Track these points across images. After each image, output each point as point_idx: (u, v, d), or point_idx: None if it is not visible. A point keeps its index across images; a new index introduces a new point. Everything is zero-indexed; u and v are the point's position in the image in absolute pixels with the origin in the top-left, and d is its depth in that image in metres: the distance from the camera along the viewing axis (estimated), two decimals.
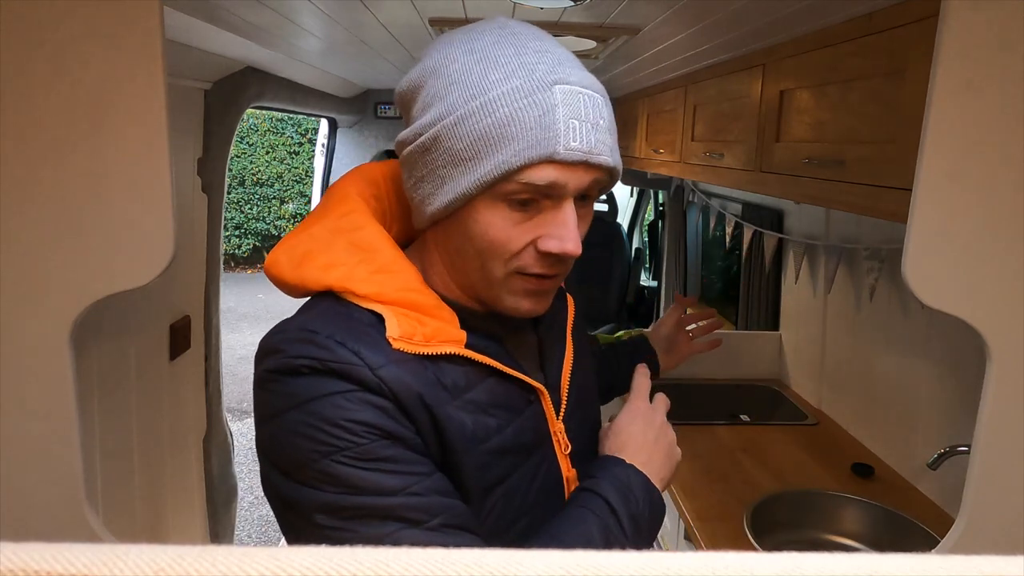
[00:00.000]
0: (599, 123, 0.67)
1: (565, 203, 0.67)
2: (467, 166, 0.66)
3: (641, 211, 4.75)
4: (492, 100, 0.65)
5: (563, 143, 0.64)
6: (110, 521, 1.38)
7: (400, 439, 0.64)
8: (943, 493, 1.59)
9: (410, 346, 0.67)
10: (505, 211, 0.67)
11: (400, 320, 0.67)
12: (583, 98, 0.66)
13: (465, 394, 0.70)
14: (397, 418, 0.64)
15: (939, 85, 0.66)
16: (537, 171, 0.64)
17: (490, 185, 0.65)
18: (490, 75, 0.66)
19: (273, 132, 8.92)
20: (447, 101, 0.67)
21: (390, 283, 0.69)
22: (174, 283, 1.68)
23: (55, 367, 0.65)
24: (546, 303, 0.74)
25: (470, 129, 0.65)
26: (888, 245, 1.77)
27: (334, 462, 0.61)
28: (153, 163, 0.64)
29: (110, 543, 0.32)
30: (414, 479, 0.63)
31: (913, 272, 0.70)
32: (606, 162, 0.67)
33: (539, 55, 0.68)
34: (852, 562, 0.23)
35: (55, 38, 0.61)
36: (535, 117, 0.64)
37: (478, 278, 0.71)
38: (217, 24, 1.28)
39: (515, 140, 0.64)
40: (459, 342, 0.70)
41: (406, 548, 0.23)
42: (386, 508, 0.62)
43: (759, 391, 2.35)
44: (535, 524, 0.74)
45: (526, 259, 0.69)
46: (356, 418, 0.62)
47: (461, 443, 0.67)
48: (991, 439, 0.72)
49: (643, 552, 0.23)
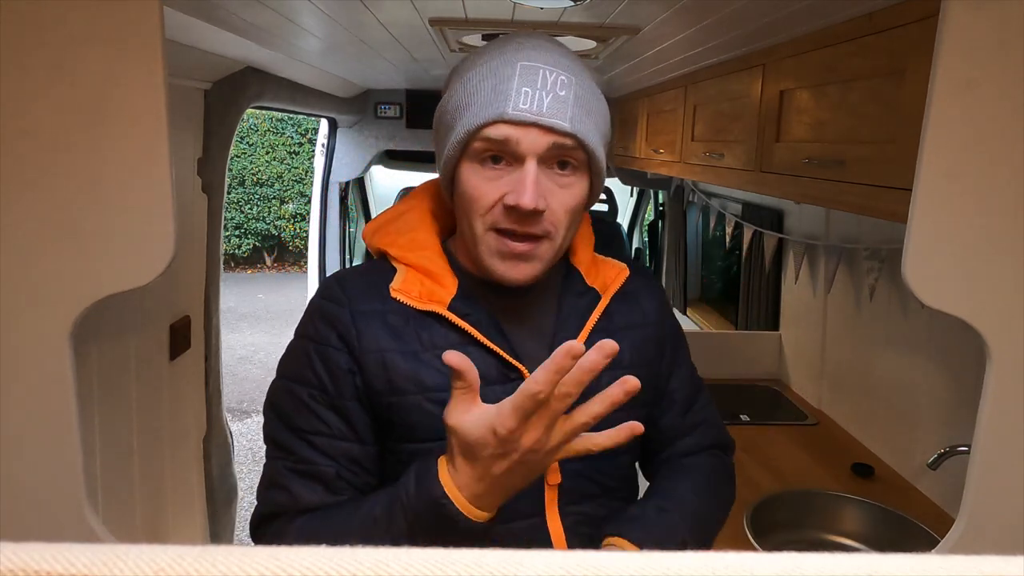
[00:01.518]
0: (559, 94, 0.77)
1: (527, 162, 0.77)
2: (449, 133, 0.81)
3: (641, 211, 4.75)
4: (468, 78, 0.80)
5: (512, 104, 0.76)
6: (110, 521, 1.38)
7: (333, 394, 0.81)
8: (943, 493, 1.59)
9: (405, 297, 0.82)
10: (480, 170, 0.79)
11: (408, 277, 0.84)
12: (544, 71, 0.77)
13: (436, 350, 0.80)
14: (341, 363, 0.81)
15: (939, 85, 0.66)
16: (492, 128, 0.76)
17: (462, 144, 0.78)
18: (477, 60, 0.81)
19: (273, 132, 8.92)
20: (448, 90, 0.83)
21: (414, 251, 0.86)
22: (174, 283, 1.68)
23: (55, 367, 0.65)
24: (524, 271, 0.81)
25: (452, 104, 0.81)
26: (888, 245, 1.77)
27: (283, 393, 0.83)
28: (153, 163, 0.64)
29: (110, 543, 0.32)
30: (324, 428, 0.81)
31: (913, 272, 0.70)
32: (558, 125, 0.76)
33: (519, 45, 0.80)
34: (852, 562, 0.23)
35: (55, 38, 0.61)
36: (492, 84, 0.77)
37: (469, 236, 0.82)
38: (217, 24, 1.28)
39: (475, 104, 0.77)
40: (442, 304, 0.82)
41: (406, 548, 0.23)
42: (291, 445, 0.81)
43: (759, 391, 2.35)
44: None
45: (496, 214, 0.79)
46: (310, 371, 0.81)
47: (408, 385, 0.80)
48: (991, 439, 0.72)
49: (643, 552, 0.23)
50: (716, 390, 2.29)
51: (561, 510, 0.84)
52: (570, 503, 0.85)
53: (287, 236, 9.12)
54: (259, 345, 6.18)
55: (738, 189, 1.87)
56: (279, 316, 6.99)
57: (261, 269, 9.25)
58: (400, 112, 3.31)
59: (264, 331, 6.59)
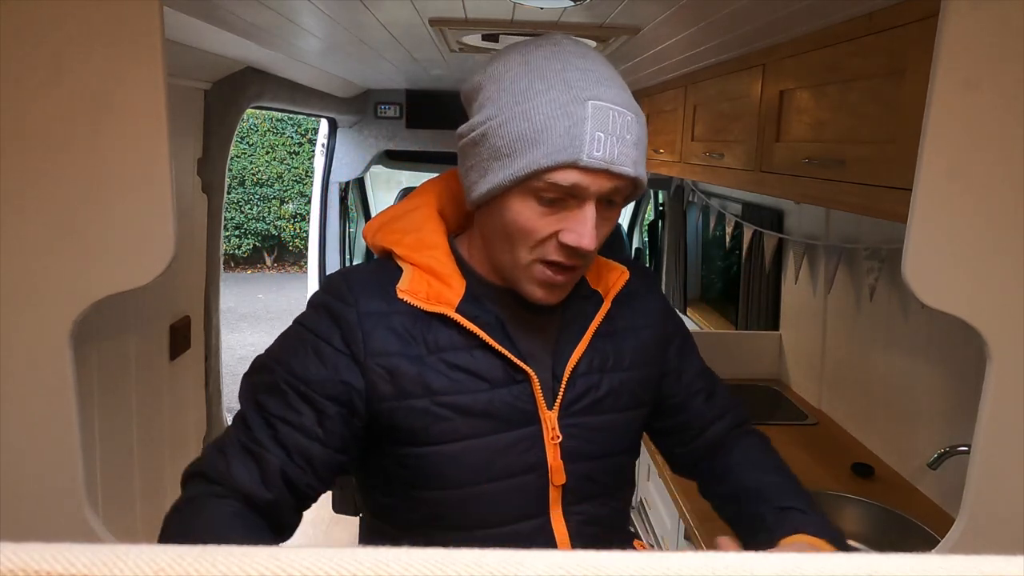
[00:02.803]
0: (625, 137, 0.76)
1: (587, 204, 0.77)
2: (504, 162, 0.77)
3: (641, 211, 4.75)
4: (532, 108, 0.75)
5: (587, 151, 0.74)
6: (110, 521, 1.38)
7: (322, 395, 0.79)
8: (943, 493, 1.59)
9: (412, 299, 0.81)
10: (534, 204, 0.77)
11: (415, 277, 0.83)
12: (613, 114, 0.75)
13: (442, 353, 0.81)
14: (341, 369, 0.79)
15: (939, 85, 0.66)
16: (562, 174, 0.74)
17: (521, 180, 0.76)
18: (535, 85, 0.77)
19: (273, 132, 8.92)
20: (497, 104, 0.78)
21: (421, 251, 0.85)
22: (174, 283, 1.68)
23: (55, 367, 0.65)
24: (558, 295, 0.83)
25: (510, 130, 0.76)
26: (888, 245, 1.76)
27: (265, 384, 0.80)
28: (153, 163, 0.64)
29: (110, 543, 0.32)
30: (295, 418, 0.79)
31: (913, 272, 0.70)
32: (626, 172, 0.76)
33: (582, 72, 0.77)
34: (852, 562, 0.23)
35: (55, 38, 0.61)
36: (565, 127, 0.74)
37: (506, 259, 0.82)
38: (217, 24, 1.28)
39: (546, 144, 0.74)
40: (450, 305, 0.82)
41: (405, 548, 0.23)
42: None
43: (759, 391, 2.35)
44: (512, 495, 0.83)
45: (548, 248, 0.79)
46: (308, 373, 0.79)
47: (413, 389, 0.80)
48: (991, 439, 0.72)
49: (643, 552, 0.23)
50: None
51: (565, 510, 0.85)
52: (574, 503, 0.85)
53: (287, 236, 9.12)
54: (259, 345, 6.16)
55: (738, 189, 1.87)
56: (279, 316, 6.99)
57: (261, 269, 9.26)
58: (400, 112, 3.31)
59: (264, 331, 6.59)
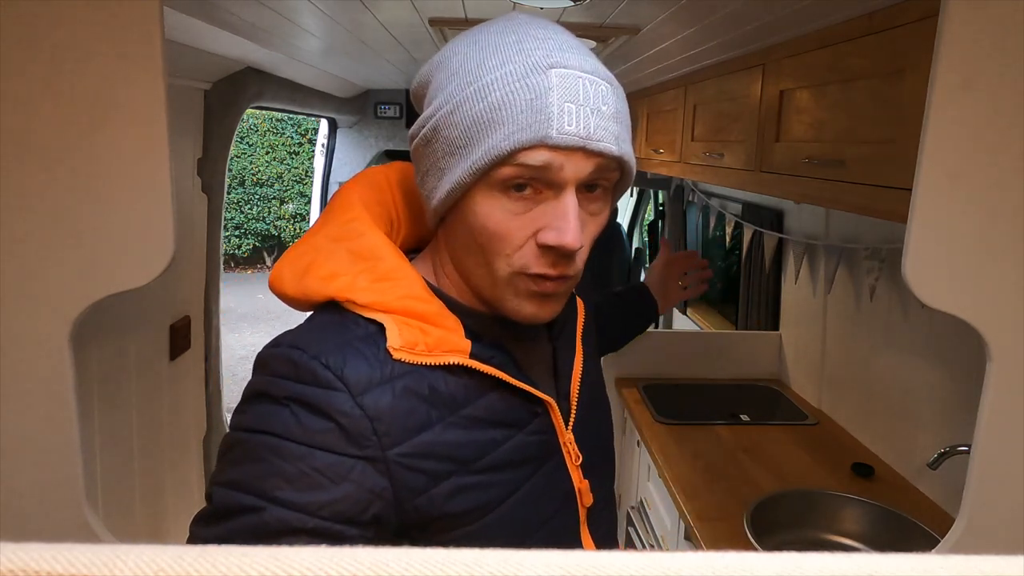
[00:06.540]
0: (601, 109, 0.63)
1: (566, 193, 0.63)
2: (462, 153, 0.64)
3: (641, 211, 4.75)
4: (485, 85, 0.63)
5: (556, 127, 0.61)
6: (110, 521, 1.38)
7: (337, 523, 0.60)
8: (943, 493, 1.59)
9: (412, 356, 0.64)
10: (503, 200, 0.64)
11: (402, 329, 0.65)
12: (583, 82, 0.63)
13: (462, 409, 0.66)
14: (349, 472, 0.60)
15: (939, 85, 0.66)
16: (530, 154, 0.61)
17: (483, 171, 0.63)
18: (487, 62, 0.64)
19: (273, 132, 8.92)
20: (446, 91, 0.65)
21: (392, 291, 0.66)
22: (174, 283, 1.68)
23: (55, 367, 0.65)
24: (552, 309, 0.69)
25: (464, 116, 0.63)
26: (888, 245, 1.77)
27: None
28: (153, 163, 0.64)
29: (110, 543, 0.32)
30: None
31: (913, 272, 0.70)
32: (607, 149, 0.63)
33: (540, 41, 0.65)
34: (852, 562, 0.23)
35: (55, 38, 0.61)
36: (527, 100, 0.61)
37: (483, 276, 0.68)
38: (217, 24, 1.28)
39: (506, 124, 0.61)
40: (463, 352, 0.67)
41: (406, 548, 0.23)
42: None
43: (759, 391, 2.35)
44: (554, 536, 0.72)
45: (527, 256, 0.65)
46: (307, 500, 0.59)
47: (444, 465, 0.64)
48: (991, 439, 0.72)
49: (643, 552, 0.23)
50: (716, 390, 2.31)
51: (591, 528, 0.79)
52: (595, 521, 0.80)
53: (287, 236, 9.12)
54: (259, 345, 6.14)
55: (738, 189, 1.87)
56: (279, 316, 6.99)
57: (261, 269, 9.26)
58: (400, 112, 3.32)
59: (264, 331, 6.59)
